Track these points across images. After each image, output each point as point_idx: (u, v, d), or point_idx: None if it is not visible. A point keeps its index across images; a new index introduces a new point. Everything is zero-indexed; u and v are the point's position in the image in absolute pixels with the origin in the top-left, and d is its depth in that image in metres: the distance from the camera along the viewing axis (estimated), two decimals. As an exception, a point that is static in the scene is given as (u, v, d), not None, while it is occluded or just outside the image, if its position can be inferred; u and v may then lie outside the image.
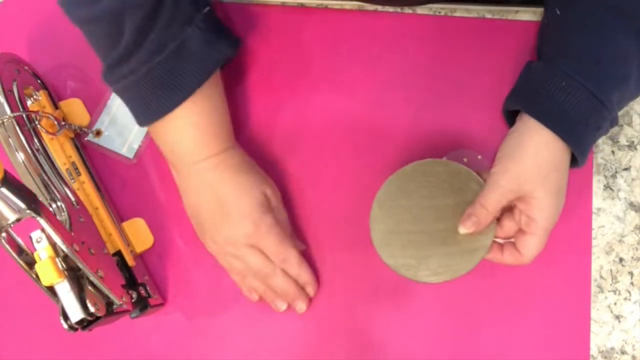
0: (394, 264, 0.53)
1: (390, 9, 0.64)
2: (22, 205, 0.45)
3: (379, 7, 0.64)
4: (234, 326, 0.59)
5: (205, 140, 0.55)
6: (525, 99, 0.54)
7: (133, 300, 0.55)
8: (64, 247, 0.47)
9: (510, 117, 0.57)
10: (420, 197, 0.54)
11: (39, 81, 0.62)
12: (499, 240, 0.54)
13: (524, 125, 0.52)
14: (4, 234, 0.48)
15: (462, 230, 0.52)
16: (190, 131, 0.55)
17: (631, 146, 0.60)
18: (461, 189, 0.54)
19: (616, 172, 0.60)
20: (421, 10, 0.63)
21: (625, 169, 0.60)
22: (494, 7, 0.63)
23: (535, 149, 0.51)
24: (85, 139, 0.63)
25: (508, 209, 0.53)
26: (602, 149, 0.60)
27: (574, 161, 0.53)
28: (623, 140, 0.60)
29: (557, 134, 0.50)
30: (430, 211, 0.54)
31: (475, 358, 0.57)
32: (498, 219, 0.53)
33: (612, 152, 0.60)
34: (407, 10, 0.64)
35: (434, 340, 0.58)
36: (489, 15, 0.63)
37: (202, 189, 0.56)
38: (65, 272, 0.48)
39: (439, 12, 0.63)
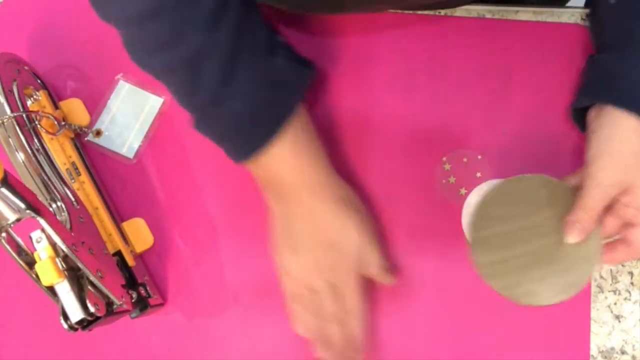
0: (512, 295, 0.51)
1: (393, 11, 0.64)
2: (22, 205, 0.45)
3: (379, 7, 0.64)
4: (234, 326, 0.59)
5: (306, 165, 0.54)
6: (604, 92, 0.53)
7: (133, 300, 0.55)
8: (64, 247, 0.47)
9: (578, 117, 0.56)
10: (513, 219, 0.52)
11: (39, 81, 0.62)
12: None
13: (606, 118, 0.51)
14: (4, 234, 0.48)
15: (570, 239, 0.50)
16: (289, 157, 0.53)
17: (631, 146, 0.60)
18: (551, 200, 0.52)
19: (616, 172, 0.60)
20: (421, 10, 0.63)
21: (625, 169, 0.60)
22: (494, 7, 0.63)
23: (626, 138, 0.50)
24: (85, 139, 0.63)
25: (607, 207, 0.51)
26: (602, 149, 0.60)
27: None
28: (623, 140, 0.60)
29: None
30: (527, 231, 0.52)
31: (475, 358, 0.57)
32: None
33: (612, 152, 0.60)
34: (407, 10, 0.64)
35: (434, 340, 0.58)
36: (489, 15, 0.63)
37: (305, 215, 0.54)
38: (65, 272, 0.48)
39: (439, 12, 0.63)
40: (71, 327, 0.48)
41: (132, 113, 0.63)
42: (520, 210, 0.52)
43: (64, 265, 0.48)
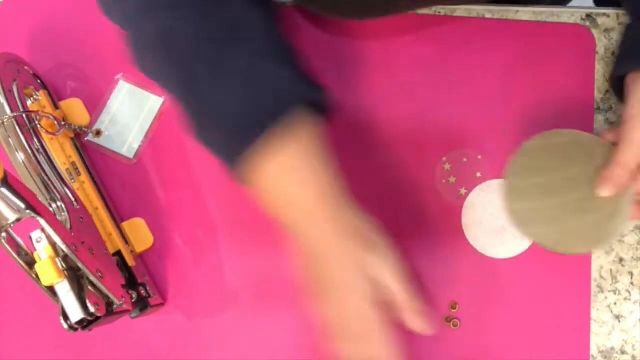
0: (543, 242, 0.54)
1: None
2: (22, 205, 0.45)
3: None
4: (234, 326, 0.59)
5: (312, 192, 0.48)
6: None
7: (133, 300, 0.55)
8: (63, 247, 0.47)
9: (618, 88, 0.57)
10: (549, 170, 0.54)
11: (39, 81, 0.62)
12: None
13: None
14: (4, 234, 0.48)
15: (603, 193, 0.52)
16: (287, 181, 0.48)
17: (631, 146, 0.60)
18: (588, 155, 0.54)
19: (616, 172, 0.60)
20: (421, 10, 0.63)
21: (625, 169, 0.60)
22: (494, 7, 0.63)
23: None
24: (85, 139, 0.63)
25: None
26: (602, 149, 0.60)
27: None
28: (623, 140, 0.60)
29: None
30: (563, 183, 0.54)
31: (476, 358, 0.57)
32: None
33: (612, 152, 0.60)
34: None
35: (434, 340, 0.58)
36: (489, 15, 0.63)
37: (323, 255, 0.49)
38: (65, 272, 0.48)
39: (439, 12, 0.63)
40: (71, 327, 0.48)
41: (132, 113, 0.63)
42: (555, 163, 0.54)
43: (64, 265, 0.48)
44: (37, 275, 0.48)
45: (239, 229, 0.61)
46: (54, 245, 0.48)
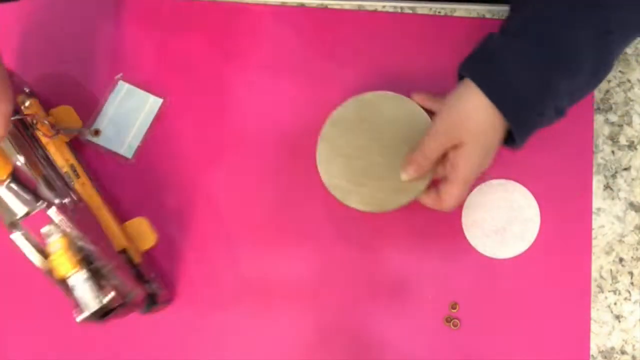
0: (329, 183, 0.55)
1: (390, 8, 0.64)
2: (33, 198, 0.45)
3: (379, 7, 0.64)
4: (235, 326, 0.59)
5: None
6: (476, 68, 0.54)
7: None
8: (76, 234, 0.47)
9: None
10: (372, 127, 0.56)
11: (27, 90, 0.61)
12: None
13: (469, 84, 0.52)
14: (21, 232, 0.48)
15: (404, 177, 0.53)
16: None
17: (631, 146, 0.60)
18: (412, 129, 0.55)
19: (616, 172, 0.60)
20: (421, 10, 0.63)
21: (625, 169, 0.60)
22: (494, 7, 0.63)
23: (474, 107, 0.51)
24: (85, 137, 0.63)
25: (444, 157, 0.54)
26: (602, 149, 0.60)
27: (512, 141, 0.53)
28: (623, 140, 0.60)
29: (498, 107, 0.50)
30: (378, 143, 0.55)
31: (475, 358, 0.57)
32: None
33: (612, 152, 0.60)
34: (407, 10, 0.64)
35: (433, 340, 0.58)
36: (489, 15, 0.63)
37: None
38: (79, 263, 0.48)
39: (439, 12, 0.63)
40: (86, 319, 0.48)
41: (131, 113, 0.63)
42: (381, 122, 0.56)
43: (77, 257, 0.48)
44: (50, 270, 0.48)
45: (240, 229, 0.61)
46: (65, 236, 0.48)
